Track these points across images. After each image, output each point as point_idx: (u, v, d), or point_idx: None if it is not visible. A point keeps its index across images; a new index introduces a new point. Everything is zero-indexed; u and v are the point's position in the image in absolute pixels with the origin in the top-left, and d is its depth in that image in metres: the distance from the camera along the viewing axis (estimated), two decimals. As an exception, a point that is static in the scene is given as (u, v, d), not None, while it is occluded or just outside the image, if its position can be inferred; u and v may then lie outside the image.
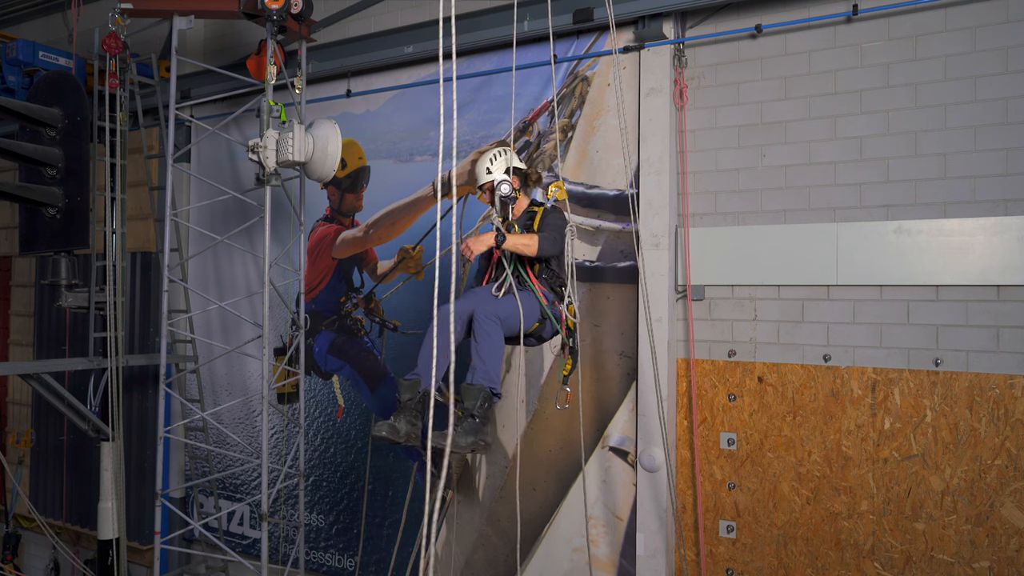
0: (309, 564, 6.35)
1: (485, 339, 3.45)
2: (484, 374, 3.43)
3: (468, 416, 3.36)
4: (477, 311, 3.51)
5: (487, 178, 3.83)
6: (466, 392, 3.41)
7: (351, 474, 6.26)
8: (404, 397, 3.45)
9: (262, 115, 5.18)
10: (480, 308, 3.53)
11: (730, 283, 4.82)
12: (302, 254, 6.21)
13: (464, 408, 3.37)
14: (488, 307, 3.54)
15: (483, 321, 3.47)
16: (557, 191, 3.87)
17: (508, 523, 5.51)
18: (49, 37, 7.89)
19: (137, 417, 7.16)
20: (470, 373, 3.45)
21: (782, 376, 4.66)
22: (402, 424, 3.35)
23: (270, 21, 5.19)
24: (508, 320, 3.55)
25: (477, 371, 3.43)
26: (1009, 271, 4.13)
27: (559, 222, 3.79)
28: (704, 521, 4.87)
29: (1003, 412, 4.14)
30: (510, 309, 3.58)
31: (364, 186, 6.27)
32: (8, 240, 8.42)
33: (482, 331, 3.46)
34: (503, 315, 3.53)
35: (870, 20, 4.49)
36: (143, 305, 7.22)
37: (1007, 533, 4.12)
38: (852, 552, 4.47)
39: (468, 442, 3.30)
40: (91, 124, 5.97)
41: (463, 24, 5.42)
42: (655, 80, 4.90)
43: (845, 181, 4.54)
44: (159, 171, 6.90)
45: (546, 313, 3.72)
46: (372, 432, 3.33)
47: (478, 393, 3.39)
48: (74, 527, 7.75)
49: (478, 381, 3.42)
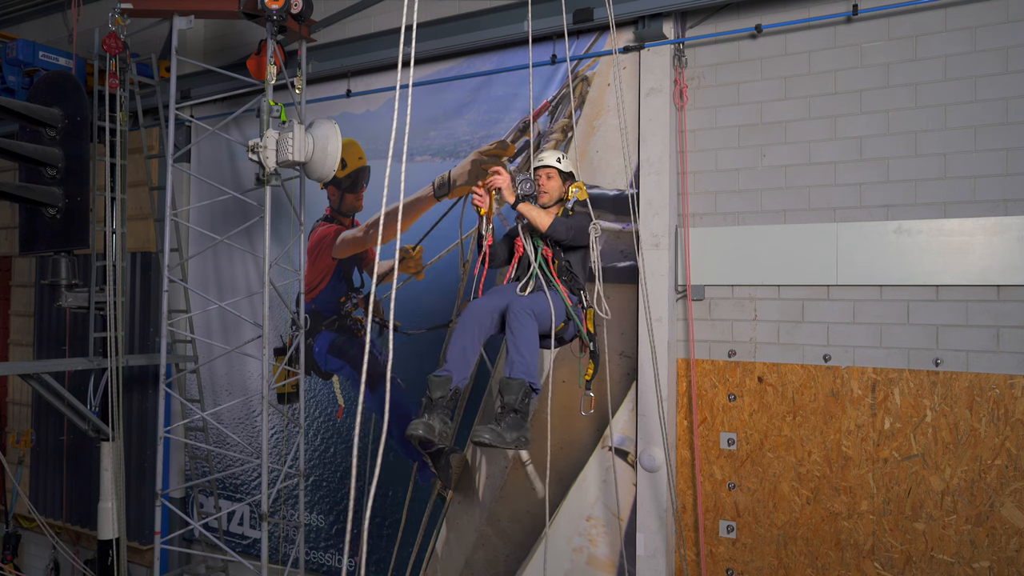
0: (309, 564, 6.35)
1: (521, 332, 3.40)
2: (523, 367, 3.36)
3: (511, 411, 3.29)
4: (512, 304, 3.47)
5: (556, 164, 3.91)
6: (506, 386, 3.33)
7: (351, 474, 6.26)
8: (436, 395, 3.31)
9: (262, 115, 5.19)
10: (515, 302, 3.49)
11: (730, 283, 4.82)
12: (302, 254, 6.21)
13: (505, 403, 3.30)
14: (523, 301, 3.51)
15: (519, 314, 3.42)
16: (578, 192, 3.88)
17: (508, 523, 5.51)
18: (49, 37, 7.89)
19: (137, 417, 7.16)
20: (508, 367, 3.39)
21: (782, 376, 4.66)
22: (436, 422, 3.24)
23: (270, 21, 5.19)
24: (541, 316, 3.52)
25: (516, 365, 3.36)
26: (1009, 271, 4.13)
27: (583, 219, 3.79)
28: (704, 521, 4.87)
29: (1003, 412, 4.14)
30: (543, 305, 3.56)
31: (364, 186, 6.27)
32: (8, 240, 8.42)
33: (518, 324, 3.40)
34: (537, 310, 3.50)
35: (870, 20, 4.49)
36: (143, 305, 7.22)
37: (1007, 533, 4.12)
38: (852, 552, 4.47)
39: (513, 437, 3.23)
40: (91, 124, 5.97)
41: (463, 24, 5.43)
42: (655, 80, 4.90)
43: (845, 181, 4.54)
44: (159, 171, 6.90)
45: (571, 314, 3.70)
46: (407, 433, 3.23)
47: (519, 388, 3.32)
48: (74, 527, 7.75)
49: (518, 375, 3.34)
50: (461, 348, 3.43)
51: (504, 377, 3.38)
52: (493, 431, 3.20)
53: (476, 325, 3.49)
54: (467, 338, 3.45)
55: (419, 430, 3.21)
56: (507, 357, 3.42)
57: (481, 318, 3.51)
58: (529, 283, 3.75)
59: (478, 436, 3.18)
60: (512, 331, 3.42)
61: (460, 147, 5.72)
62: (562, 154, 4.02)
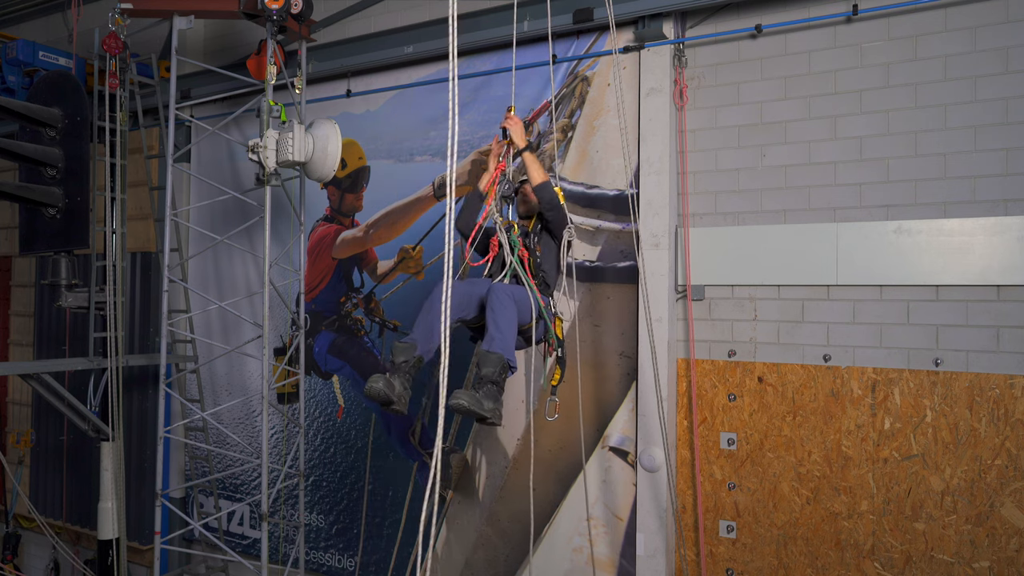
0: (309, 564, 6.35)
1: (503, 311, 3.48)
2: (501, 343, 3.45)
3: (488, 382, 3.37)
4: (494, 287, 3.56)
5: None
6: (485, 358, 3.42)
7: (351, 474, 6.26)
8: (399, 359, 3.43)
9: (262, 115, 5.18)
10: (497, 286, 3.59)
11: (730, 283, 4.82)
12: (302, 254, 6.21)
13: (483, 375, 3.38)
14: (504, 286, 3.60)
15: (500, 295, 3.51)
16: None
17: (508, 523, 5.51)
18: (49, 37, 7.89)
19: (137, 417, 7.17)
20: (487, 342, 3.47)
21: (782, 376, 4.66)
22: (397, 383, 3.33)
23: (270, 21, 5.19)
24: (520, 303, 3.60)
25: (495, 340, 3.45)
26: (1009, 271, 4.13)
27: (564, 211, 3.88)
28: (704, 521, 4.87)
29: (1003, 412, 4.14)
30: (522, 294, 3.64)
31: (364, 186, 6.27)
32: (8, 240, 8.42)
33: (499, 304, 3.49)
34: (517, 297, 3.59)
35: (870, 20, 4.49)
36: (143, 305, 7.22)
37: (1007, 533, 4.12)
38: (852, 552, 4.47)
39: (490, 407, 3.29)
40: (91, 124, 5.97)
41: (463, 24, 5.42)
42: (655, 80, 4.90)
43: (845, 181, 4.54)
44: (159, 171, 6.90)
45: (543, 313, 3.73)
46: (365, 388, 3.29)
47: (497, 361, 3.41)
48: (74, 527, 7.75)
49: (496, 349, 3.43)
50: (428, 325, 3.50)
51: (483, 350, 3.45)
52: (472, 396, 3.26)
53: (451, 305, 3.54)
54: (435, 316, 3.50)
55: (379, 383, 3.27)
56: (486, 334, 3.49)
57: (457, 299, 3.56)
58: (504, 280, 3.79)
59: (456, 399, 3.20)
60: (493, 309, 3.49)
61: (460, 147, 5.71)
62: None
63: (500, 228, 3.87)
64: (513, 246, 3.82)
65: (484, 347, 3.47)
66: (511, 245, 3.82)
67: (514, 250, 3.81)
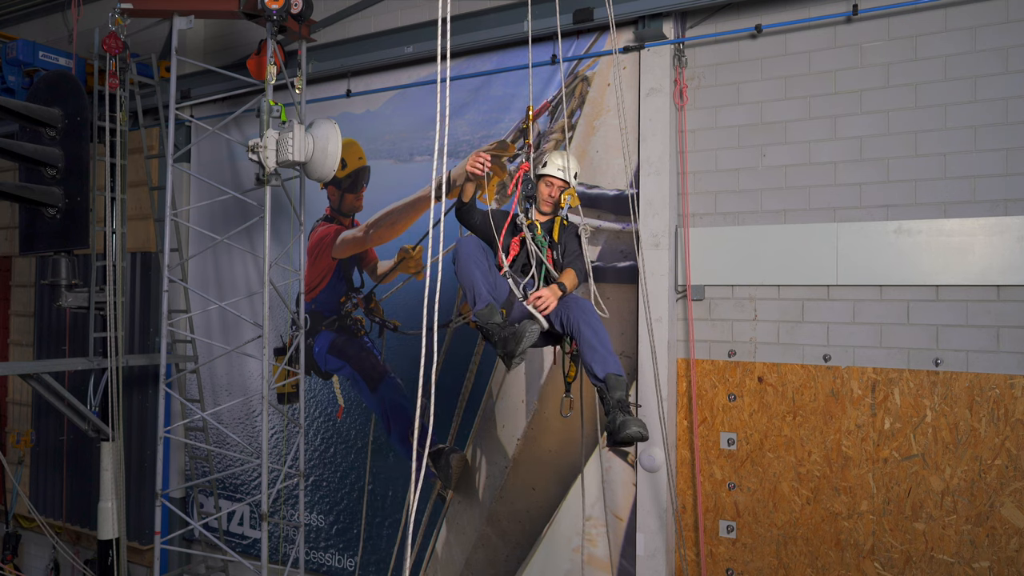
0: (309, 564, 6.35)
1: (600, 327, 3.52)
2: (615, 362, 3.48)
3: (628, 404, 3.39)
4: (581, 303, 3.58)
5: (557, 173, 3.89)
6: (617, 383, 3.42)
7: (351, 474, 6.26)
8: (495, 320, 3.46)
9: (262, 115, 5.18)
10: (579, 300, 3.61)
11: (730, 283, 4.82)
12: (302, 254, 6.21)
13: (618, 399, 3.38)
14: (584, 301, 3.62)
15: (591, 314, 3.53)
16: (570, 199, 3.88)
17: (508, 523, 5.51)
18: (49, 37, 7.89)
19: (137, 417, 7.16)
20: (601, 365, 3.47)
21: (782, 376, 4.66)
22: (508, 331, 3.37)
23: (270, 21, 5.19)
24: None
25: (609, 362, 3.46)
26: (1009, 271, 4.13)
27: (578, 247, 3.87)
28: (704, 521, 4.87)
29: (1003, 412, 4.14)
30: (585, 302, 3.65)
31: (364, 186, 6.27)
32: (8, 240, 8.42)
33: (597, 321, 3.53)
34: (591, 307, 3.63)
35: (870, 20, 4.49)
36: (143, 305, 7.22)
37: (1007, 533, 4.12)
38: (852, 552, 4.47)
39: (639, 432, 3.31)
40: (91, 124, 5.97)
41: (463, 24, 5.43)
42: (655, 80, 4.90)
43: (845, 181, 4.54)
44: (159, 171, 6.90)
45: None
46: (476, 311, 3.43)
47: (623, 382, 3.44)
48: (74, 527, 7.75)
49: (616, 371, 3.45)
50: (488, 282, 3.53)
51: (611, 375, 3.44)
52: (639, 422, 3.29)
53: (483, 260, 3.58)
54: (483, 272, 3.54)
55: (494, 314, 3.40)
56: (592, 355, 3.49)
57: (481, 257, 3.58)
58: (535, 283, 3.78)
59: (630, 429, 3.24)
60: (593, 329, 3.51)
61: (460, 147, 5.72)
62: (564, 160, 3.94)
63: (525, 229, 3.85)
64: (540, 247, 3.81)
65: (608, 370, 3.46)
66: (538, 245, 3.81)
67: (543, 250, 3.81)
